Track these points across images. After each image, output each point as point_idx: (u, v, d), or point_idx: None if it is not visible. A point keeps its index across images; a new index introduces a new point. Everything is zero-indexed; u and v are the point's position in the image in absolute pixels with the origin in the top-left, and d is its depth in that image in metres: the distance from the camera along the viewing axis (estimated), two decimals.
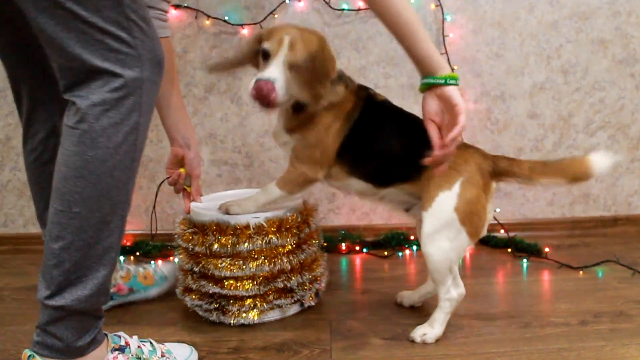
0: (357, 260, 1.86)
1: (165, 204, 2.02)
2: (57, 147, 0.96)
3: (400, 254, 1.91)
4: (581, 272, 1.67)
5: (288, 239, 1.33)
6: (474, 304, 1.45)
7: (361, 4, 1.90)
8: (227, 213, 1.33)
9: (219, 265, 1.30)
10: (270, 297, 1.34)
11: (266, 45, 1.19)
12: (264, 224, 1.30)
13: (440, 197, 1.19)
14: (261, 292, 1.32)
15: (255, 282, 1.31)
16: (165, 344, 1.19)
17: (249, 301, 1.32)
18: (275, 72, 1.16)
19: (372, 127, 1.27)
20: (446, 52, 1.91)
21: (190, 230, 1.35)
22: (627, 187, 2.06)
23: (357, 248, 1.93)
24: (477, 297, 1.50)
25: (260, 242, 1.29)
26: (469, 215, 1.19)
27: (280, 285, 1.33)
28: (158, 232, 2.02)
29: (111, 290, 1.46)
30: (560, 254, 1.81)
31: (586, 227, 2.06)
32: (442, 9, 1.90)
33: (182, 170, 1.47)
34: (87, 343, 1.00)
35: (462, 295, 1.26)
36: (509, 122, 2.00)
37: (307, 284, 1.39)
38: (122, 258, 1.89)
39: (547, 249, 1.81)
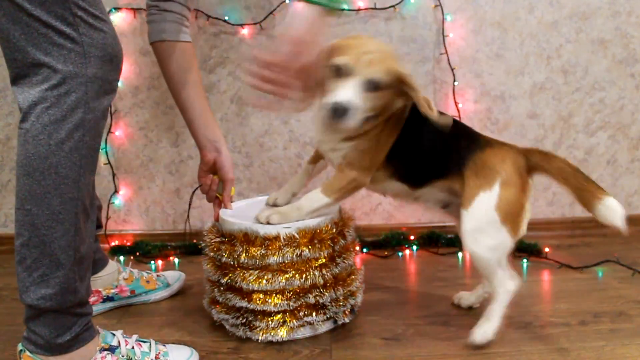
0: (357, 260, 1.86)
1: (166, 203, 2.02)
2: None
3: (400, 254, 1.91)
4: (581, 272, 1.67)
5: (321, 252, 1.23)
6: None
7: (361, 4, 1.90)
8: (269, 224, 1.24)
9: (247, 277, 1.21)
10: (301, 314, 1.25)
11: (341, 60, 1.10)
12: (296, 234, 1.22)
13: (481, 196, 1.19)
14: (291, 308, 1.23)
15: (284, 297, 1.22)
16: (167, 345, 1.18)
17: (277, 317, 1.24)
18: (352, 95, 1.08)
19: (416, 128, 1.24)
20: (446, 52, 1.91)
21: (217, 240, 1.28)
22: (627, 187, 2.06)
23: (357, 248, 1.93)
24: None
25: (290, 254, 1.20)
26: (510, 215, 1.20)
27: (312, 300, 1.24)
28: (158, 232, 2.02)
29: (113, 292, 1.46)
30: (560, 254, 1.81)
31: (586, 227, 2.05)
32: (442, 9, 1.90)
33: (214, 176, 1.42)
34: (67, 341, 1.01)
35: (518, 285, 1.24)
36: (509, 122, 2.00)
37: (342, 299, 1.29)
38: (122, 258, 1.90)
39: (547, 249, 1.81)
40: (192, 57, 1.42)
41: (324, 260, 1.24)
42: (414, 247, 1.94)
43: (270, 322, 1.24)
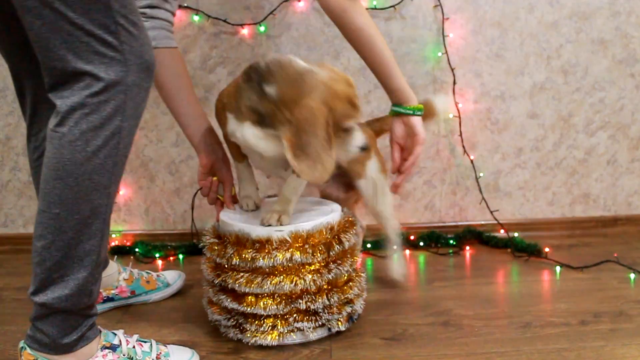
0: (359, 256, 1.86)
1: (166, 203, 2.02)
2: None
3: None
4: (581, 272, 1.67)
5: (314, 257, 1.21)
6: (474, 304, 1.45)
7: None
8: (281, 224, 1.23)
9: (239, 279, 1.21)
10: (291, 319, 1.23)
11: (352, 122, 1.16)
12: (288, 238, 1.20)
13: (369, 165, 1.46)
14: (281, 312, 1.22)
15: (275, 301, 1.21)
16: (168, 346, 1.18)
17: (268, 321, 1.23)
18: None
19: None
20: (446, 52, 1.91)
21: (213, 240, 1.29)
22: (627, 187, 2.06)
23: (359, 254, 1.92)
24: (477, 297, 1.50)
25: (281, 258, 1.19)
26: (385, 172, 1.52)
27: (303, 306, 1.22)
28: (158, 232, 2.02)
29: (113, 292, 1.46)
30: (560, 254, 1.81)
31: (586, 227, 2.06)
32: (442, 9, 1.90)
33: (214, 178, 1.41)
34: (73, 340, 1.01)
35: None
36: (509, 122, 2.00)
37: (336, 307, 1.26)
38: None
39: (547, 249, 1.81)
40: (182, 62, 1.42)
41: (317, 266, 1.22)
42: (414, 247, 1.94)
43: (260, 326, 1.23)
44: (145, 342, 1.15)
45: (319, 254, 1.21)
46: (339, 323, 1.28)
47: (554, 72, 1.97)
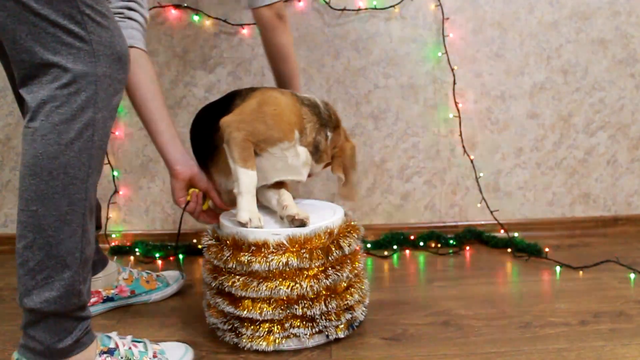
0: (361, 261, 1.86)
1: (165, 203, 2.02)
2: None
3: (400, 254, 1.91)
4: (581, 272, 1.67)
5: (311, 262, 1.18)
6: (474, 304, 1.45)
7: (361, 4, 1.90)
8: (304, 225, 1.22)
9: (235, 283, 1.19)
10: (287, 325, 1.20)
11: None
12: (286, 242, 1.18)
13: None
14: (277, 318, 1.19)
15: (270, 306, 1.19)
16: (160, 343, 1.18)
17: (264, 326, 1.20)
18: None
19: None
20: (446, 52, 1.91)
21: (210, 242, 1.27)
22: (627, 187, 2.06)
23: (361, 260, 1.92)
24: (477, 297, 1.50)
25: (276, 262, 1.16)
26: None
27: (299, 312, 1.19)
28: (158, 232, 2.02)
29: (113, 292, 1.46)
30: (560, 254, 1.81)
31: (586, 227, 2.06)
32: (442, 9, 1.90)
33: (196, 190, 1.33)
34: (68, 346, 0.99)
35: None
36: (509, 122, 2.00)
37: (334, 313, 1.23)
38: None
39: (547, 249, 1.81)
40: (154, 69, 1.37)
41: (315, 271, 1.19)
42: (414, 247, 1.94)
43: (256, 331, 1.21)
44: (139, 342, 1.14)
45: (316, 259, 1.19)
46: (338, 330, 1.25)
47: (554, 72, 1.97)
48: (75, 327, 1.00)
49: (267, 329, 1.20)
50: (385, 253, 1.90)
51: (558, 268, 1.70)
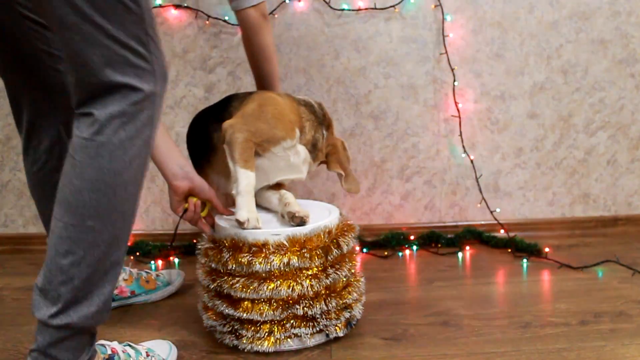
0: (357, 260, 1.86)
1: (166, 204, 2.02)
2: (63, 155, 0.94)
3: (400, 254, 1.91)
4: (581, 272, 1.67)
5: (312, 261, 1.18)
6: (474, 304, 1.45)
7: (361, 4, 1.90)
8: (303, 224, 1.23)
9: (234, 284, 1.19)
10: (288, 325, 1.20)
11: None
12: (285, 242, 1.18)
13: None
14: (278, 318, 1.19)
15: (271, 307, 1.19)
16: (143, 343, 1.17)
17: (265, 327, 1.20)
18: None
19: None
20: (446, 52, 1.91)
21: (207, 245, 1.27)
22: (627, 187, 2.06)
23: (357, 248, 1.93)
24: (477, 297, 1.50)
25: (277, 262, 1.16)
26: None
27: (300, 312, 1.19)
28: (158, 232, 2.02)
29: (113, 293, 1.46)
30: (560, 254, 1.81)
31: (586, 227, 2.06)
32: (442, 9, 1.90)
33: (194, 199, 1.30)
34: None
35: None
36: (509, 122, 2.00)
37: (334, 312, 1.24)
38: None
39: (547, 249, 1.81)
40: None
41: (315, 271, 1.20)
42: (414, 247, 1.94)
43: (256, 332, 1.20)
44: (124, 346, 1.12)
45: (316, 259, 1.19)
46: (337, 329, 1.25)
47: (554, 72, 1.97)
48: (89, 343, 0.97)
49: (267, 330, 1.20)
50: (385, 253, 1.90)
51: (558, 268, 1.70)
